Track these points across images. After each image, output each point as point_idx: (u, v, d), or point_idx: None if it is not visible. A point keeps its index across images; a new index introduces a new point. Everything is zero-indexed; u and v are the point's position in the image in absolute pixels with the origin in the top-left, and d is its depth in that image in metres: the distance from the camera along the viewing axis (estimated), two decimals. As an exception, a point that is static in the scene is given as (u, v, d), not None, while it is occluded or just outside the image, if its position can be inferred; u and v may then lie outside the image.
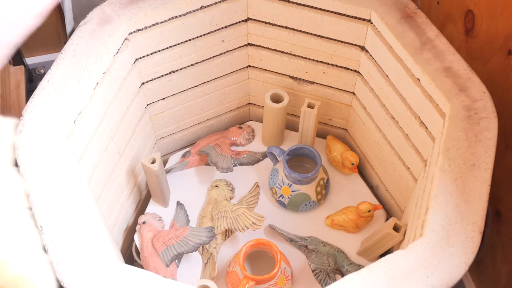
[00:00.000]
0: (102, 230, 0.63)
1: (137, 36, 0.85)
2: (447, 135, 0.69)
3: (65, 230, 0.61)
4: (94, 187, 0.79)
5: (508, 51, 0.77)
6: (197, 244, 0.86)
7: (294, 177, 0.91)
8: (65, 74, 0.75)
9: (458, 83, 0.74)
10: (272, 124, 1.02)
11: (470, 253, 0.59)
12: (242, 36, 0.98)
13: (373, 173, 1.02)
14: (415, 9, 0.84)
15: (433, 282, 0.57)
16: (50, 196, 0.64)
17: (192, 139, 1.10)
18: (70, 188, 0.65)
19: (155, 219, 0.94)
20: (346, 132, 1.08)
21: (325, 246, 0.91)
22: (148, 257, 0.86)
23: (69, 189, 0.65)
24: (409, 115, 0.82)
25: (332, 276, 0.88)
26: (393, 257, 0.59)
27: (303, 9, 0.90)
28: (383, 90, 0.88)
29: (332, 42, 0.92)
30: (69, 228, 0.62)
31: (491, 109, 0.72)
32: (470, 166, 0.66)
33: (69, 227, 0.62)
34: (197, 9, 0.88)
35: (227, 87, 1.05)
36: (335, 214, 0.95)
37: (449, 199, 0.63)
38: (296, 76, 1.02)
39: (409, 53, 0.78)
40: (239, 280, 0.82)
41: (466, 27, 0.85)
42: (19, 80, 1.31)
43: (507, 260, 0.87)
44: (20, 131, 0.69)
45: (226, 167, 1.00)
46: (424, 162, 0.80)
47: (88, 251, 0.60)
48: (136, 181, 0.97)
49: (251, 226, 0.88)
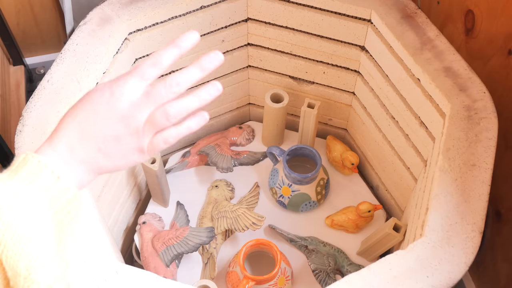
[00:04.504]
0: (102, 230, 0.63)
1: (137, 36, 0.85)
2: (447, 135, 0.69)
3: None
4: (94, 187, 0.79)
5: (508, 51, 0.77)
6: (197, 244, 0.86)
7: (294, 177, 0.91)
8: (65, 74, 0.75)
9: (458, 83, 0.74)
10: (272, 124, 1.02)
11: (470, 253, 0.59)
12: (242, 36, 0.98)
13: (373, 173, 1.02)
14: (415, 9, 0.84)
15: (433, 282, 0.57)
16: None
17: (192, 139, 1.10)
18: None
19: (155, 219, 0.94)
20: (346, 132, 1.08)
21: (325, 246, 0.91)
22: (148, 257, 0.86)
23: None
24: (409, 115, 0.82)
25: (332, 276, 0.88)
26: (393, 257, 0.59)
27: (303, 9, 0.90)
28: (383, 90, 0.88)
29: (332, 42, 0.92)
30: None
31: (491, 109, 0.72)
32: (470, 166, 0.66)
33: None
34: (197, 9, 0.88)
35: (227, 87, 1.05)
36: (335, 214, 0.95)
37: (449, 199, 0.63)
38: (296, 76, 1.02)
39: (409, 53, 0.78)
40: (239, 280, 0.82)
41: (466, 27, 0.85)
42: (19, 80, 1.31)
43: (507, 260, 0.87)
44: (20, 131, 0.69)
45: (226, 167, 0.99)
46: (424, 162, 0.80)
47: (88, 251, 0.60)
48: (136, 181, 0.97)
49: (251, 226, 0.88)
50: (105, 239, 0.62)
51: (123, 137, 0.44)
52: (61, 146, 0.43)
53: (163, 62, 0.45)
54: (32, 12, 1.31)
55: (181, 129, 0.46)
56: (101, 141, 0.44)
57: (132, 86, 0.44)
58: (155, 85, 0.45)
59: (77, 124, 0.44)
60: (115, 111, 0.44)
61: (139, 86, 0.44)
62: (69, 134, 0.44)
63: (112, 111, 0.44)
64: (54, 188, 0.41)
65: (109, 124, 0.44)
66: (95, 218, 0.64)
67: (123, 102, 0.44)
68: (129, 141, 0.44)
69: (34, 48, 1.40)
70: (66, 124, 0.44)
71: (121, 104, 0.44)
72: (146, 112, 0.44)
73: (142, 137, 0.45)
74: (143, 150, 0.45)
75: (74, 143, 0.43)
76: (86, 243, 0.61)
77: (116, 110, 0.44)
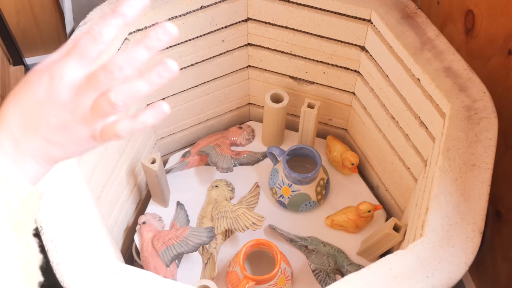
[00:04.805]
0: (102, 230, 0.63)
1: (137, 36, 0.85)
2: (447, 135, 0.69)
3: (65, 230, 0.61)
4: (94, 187, 0.79)
5: (508, 51, 0.77)
6: (197, 244, 0.86)
7: (294, 177, 0.91)
8: (65, 74, 0.75)
9: (458, 83, 0.74)
10: (272, 124, 1.02)
11: (470, 253, 0.59)
12: (242, 36, 0.98)
13: (373, 173, 1.01)
14: (415, 9, 0.84)
15: (433, 282, 0.57)
16: (50, 196, 0.64)
17: (192, 139, 1.10)
18: (70, 188, 0.65)
19: (155, 219, 0.94)
20: (346, 132, 1.08)
21: (325, 246, 0.91)
22: (148, 257, 0.86)
23: (69, 189, 0.65)
24: (409, 115, 0.82)
25: (332, 276, 0.88)
26: (393, 257, 0.59)
27: (303, 9, 0.90)
28: (383, 90, 0.88)
29: (332, 42, 0.92)
30: (69, 228, 0.62)
31: (491, 109, 0.72)
32: (470, 166, 0.66)
33: (69, 227, 0.62)
34: (197, 9, 0.88)
35: (227, 87, 1.05)
36: (335, 214, 0.95)
37: (449, 199, 0.63)
38: (296, 76, 1.02)
39: (409, 53, 0.78)
40: (239, 280, 0.82)
41: (466, 27, 0.85)
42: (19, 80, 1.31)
43: (507, 260, 0.87)
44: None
45: (226, 167, 0.99)
46: (424, 162, 0.80)
47: (88, 251, 0.60)
48: (136, 181, 0.97)
49: (251, 226, 0.88)
50: (105, 239, 0.62)
51: (70, 125, 0.39)
52: (5, 142, 0.39)
53: (104, 36, 0.38)
54: (32, 12, 1.31)
55: (135, 124, 0.39)
56: (47, 131, 0.39)
57: (72, 68, 0.38)
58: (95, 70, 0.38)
59: (17, 114, 0.39)
60: (57, 98, 0.38)
61: (80, 67, 0.38)
62: (11, 126, 0.39)
63: (53, 98, 0.38)
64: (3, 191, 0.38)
65: (51, 112, 0.38)
66: (95, 218, 0.64)
67: (63, 86, 0.38)
68: (79, 129, 0.39)
69: (34, 48, 1.40)
70: (7, 116, 0.39)
71: (62, 89, 0.38)
72: (90, 98, 0.38)
73: (92, 124, 0.39)
74: (95, 137, 0.40)
75: (18, 136, 0.39)
76: (86, 243, 0.61)
77: (57, 96, 0.38)
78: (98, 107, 0.38)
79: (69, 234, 0.61)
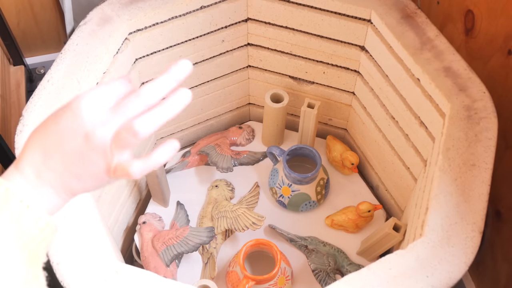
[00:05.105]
0: (102, 230, 0.63)
1: (137, 36, 0.85)
2: (447, 135, 0.69)
3: (65, 230, 0.61)
4: (94, 187, 0.79)
5: (508, 51, 0.77)
6: (197, 244, 0.86)
7: (294, 177, 0.91)
8: (65, 74, 0.75)
9: (458, 83, 0.74)
10: (272, 124, 1.02)
11: (470, 253, 0.59)
12: (242, 36, 0.98)
13: (373, 173, 1.02)
14: (415, 9, 0.84)
15: (433, 282, 0.57)
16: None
17: (192, 139, 1.10)
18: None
19: (155, 219, 0.94)
20: (346, 132, 1.08)
21: (325, 246, 0.91)
22: (148, 257, 0.86)
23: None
24: (409, 115, 0.82)
25: (332, 276, 0.88)
26: (393, 257, 0.59)
27: (303, 9, 0.90)
28: (383, 90, 0.88)
29: (332, 42, 0.92)
30: (69, 228, 0.62)
31: (491, 109, 0.72)
32: (470, 166, 0.66)
33: (69, 227, 0.62)
34: (197, 9, 0.88)
35: (227, 87, 1.05)
36: (335, 214, 0.95)
37: (449, 199, 0.63)
38: (296, 76, 1.02)
39: (409, 53, 0.78)
40: (239, 280, 0.82)
41: (466, 27, 0.85)
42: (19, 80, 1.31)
43: (507, 260, 0.87)
44: (20, 131, 0.69)
45: (226, 167, 1.00)
46: (424, 162, 0.80)
47: (88, 251, 0.60)
48: (136, 181, 0.97)
49: (251, 226, 0.88)
50: (105, 239, 0.62)
51: (88, 155, 0.40)
52: (27, 170, 0.40)
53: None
54: (32, 12, 1.31)
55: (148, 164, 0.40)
56: (65, 161, 0.40)
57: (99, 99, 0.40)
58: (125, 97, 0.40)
59: (40, 144, 0.40)
60: (78, 127, 0.39)
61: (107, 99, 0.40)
62: (33, 155, 0.40)
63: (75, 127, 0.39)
64: (23, 218, 0.38)
65: (71, 141, 0.39)
66: (95, 218, 0.64)
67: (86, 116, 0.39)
68: (96, 161, 0.40)
69: (34, 48, 1.40)
70: (30, 145, 0.40)
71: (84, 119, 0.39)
72: (112, 129, 0.39)
73: (110, 156, 0.40)
74: (109, 172, 0.40)
75: (39, 165, 0.40)
76: (86, 243, 0.61)
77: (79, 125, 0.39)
78: (119, 138, 0.39)
79: (69, 234, 0.61)
